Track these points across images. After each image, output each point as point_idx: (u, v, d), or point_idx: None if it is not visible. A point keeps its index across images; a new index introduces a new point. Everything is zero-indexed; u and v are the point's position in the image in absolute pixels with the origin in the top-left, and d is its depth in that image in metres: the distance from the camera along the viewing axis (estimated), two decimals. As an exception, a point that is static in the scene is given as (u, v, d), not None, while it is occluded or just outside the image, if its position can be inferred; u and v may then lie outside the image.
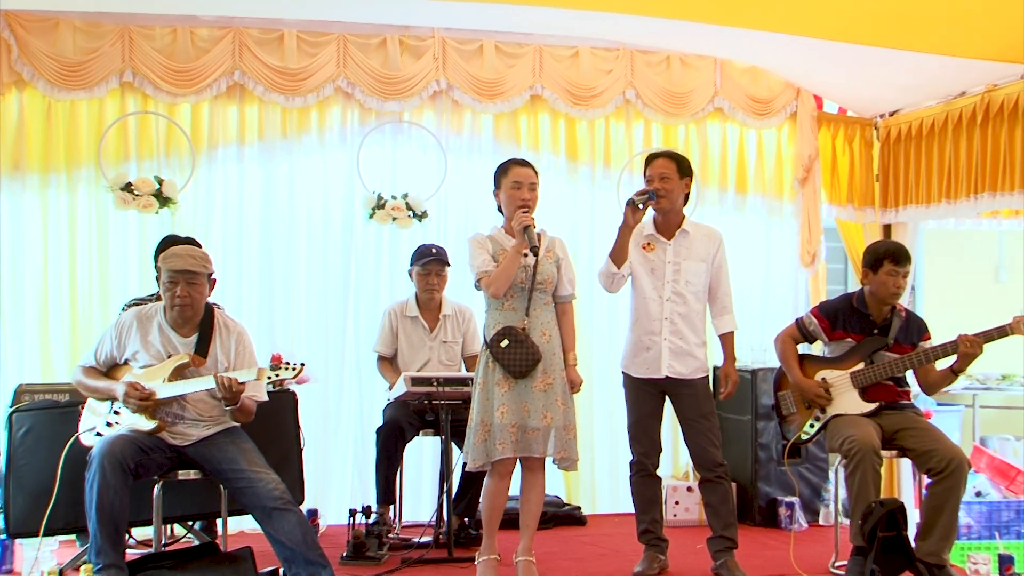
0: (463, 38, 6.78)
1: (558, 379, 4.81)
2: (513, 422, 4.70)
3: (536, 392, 4.74)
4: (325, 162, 6.73)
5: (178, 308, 4.59)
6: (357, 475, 6.59)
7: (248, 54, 6.44)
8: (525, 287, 4.80)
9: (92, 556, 4.27)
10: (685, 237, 5.13)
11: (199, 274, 4.61)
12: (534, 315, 4.81)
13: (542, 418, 4.73)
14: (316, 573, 4.33)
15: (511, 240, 4.82)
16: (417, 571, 5.18)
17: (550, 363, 4.80)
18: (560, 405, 4.78)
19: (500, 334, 4.74)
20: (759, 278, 7.38)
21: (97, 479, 4.26)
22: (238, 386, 4.49)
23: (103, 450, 4.32)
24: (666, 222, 5.15)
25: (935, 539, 4.83)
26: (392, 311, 6.16)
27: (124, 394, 4.49)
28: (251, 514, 4.58)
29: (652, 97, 7.04)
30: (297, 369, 4.50)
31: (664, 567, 5.18)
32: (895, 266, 5.13)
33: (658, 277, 5.11)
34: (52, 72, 6.14)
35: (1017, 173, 6.07)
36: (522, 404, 4.73)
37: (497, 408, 4.72)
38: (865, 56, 6.35)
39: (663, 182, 5.05)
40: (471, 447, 4.78)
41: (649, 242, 5.14)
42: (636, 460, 5.21)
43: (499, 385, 4.74)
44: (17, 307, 6.23)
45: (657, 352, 5.10)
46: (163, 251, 5.41)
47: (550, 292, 4.90)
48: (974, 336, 4.97)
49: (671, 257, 5.11)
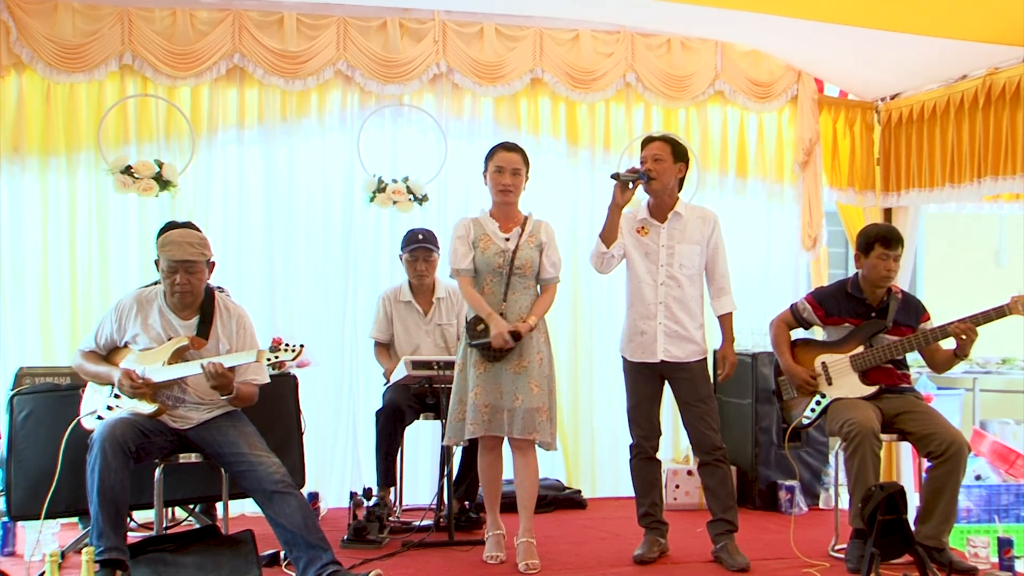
0: (463, 21, 6.76)
1: (534, 362, 4.92)
2: (486, 403, 4.88)
3: (510, 374, 4.89)
4: (325, 145, 6.72)
5: (178, 295, 4.59)
6: (357, 458, 6.60)
7: (248, 37, 6.42)
8: (503, 271, 4.92)
9: (94, 539, 4.26)
10: (678, 220, 5.12)
11: (197, 262, 4.60)
12: (512, 299, 4.95)
13: (513, 399, 4.87)
14: (317, 556, 4.33)
15: (495, 223, 5.01)
16: (418, 555, 5.19)
17: (526, 347, 4.92)
18: (533, 388, 4.88)
19: (477, 317, 4.92)
20: (760, 262, 7.37)
21: (98, 462, 4.26)
22: (224, 371, 4.46)
23: (104, 433, 4.33)
24: (659, 205, 5.14)
25: (935, 522, 4.85)
26: (386, 297, 6.17)
27: (118, 381, 4.50)
28: (252, 497, 4.59)
29: (653, 80, 7.02)
30: (296, 351, 4.49)
31: (664, 550, 5.19)
32: (885, 249, 5.13)
33: (652, 261, 5.11)
34: (51, 55, 6.13)
35: (1018, 157, 6.06)
36: (496, 385, 4.89)
37: (472, 389, 4.90)
38: (866, 39, 6.33)
39: (656, 163, 5.04)
40: (448, 424, 4.99)
41: (643, 226, 5.14)
42: (635, 443, 5.22)
43: (475, 367, 4.92)
44: (17, 290, 6.23)
45: (652, 336, 5.09)
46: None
47: (530, 277, 4.99)
48: (967, 323, 4.96)
49: (665, 240, 5.10)
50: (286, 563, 4.80)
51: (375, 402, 6.10)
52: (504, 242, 4.97)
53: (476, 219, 5.07)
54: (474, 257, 4.98)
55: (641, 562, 5.07)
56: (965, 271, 8.63)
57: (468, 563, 5.03)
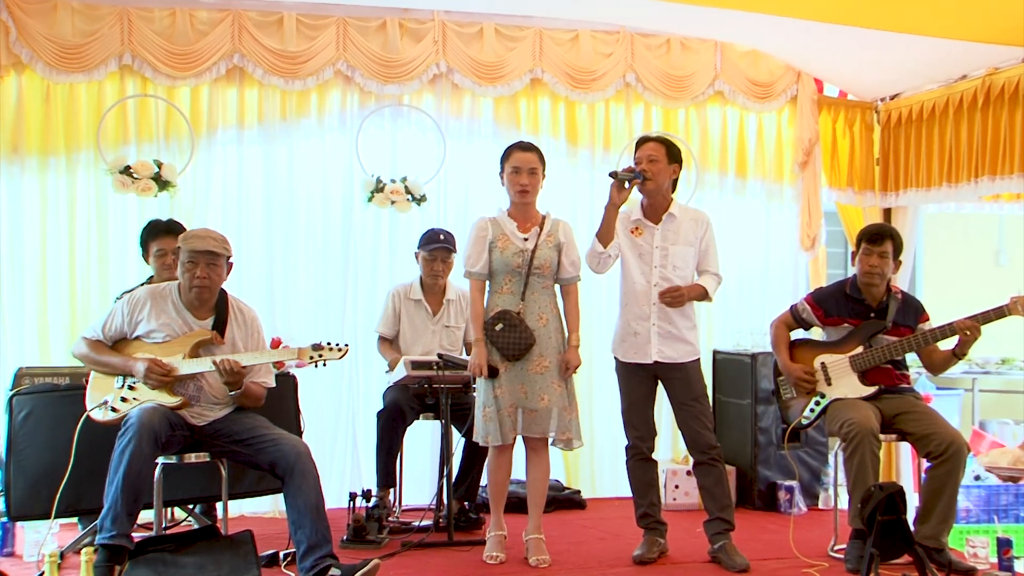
0: (463, 21, 6.76)
1: (554, 362, 4.96)
2: (511, 403, 4.91)
3: (532, 375, 4.93)
4: (324, 145, 6.71)
5: (196, 289, 4.58)
6: (357, 458, 6.59)
7: (247, 37, 6.42)
8: (522, 271, 4.94)
9: (107, 522, 4.22)
10: (672, 221, 5.12)
11: (220, 256, 4.61)
12: (530, 299, 4.96)
13: (539, 400, 4.91)
14: (319, 545, 4.30)
15: (513, 223, 5.00)
16: (417, 555, 5.19)
17: (546, 346, 4.94)
18: (556, 387, 4.92)
19: (495, 318, 4.94)
20: (759, 262, 7.37)
21: (132, 446, 4.23)
22: (240, 368, 4.50)
23: (143, 420, 4.30)
24: (653, 206, 5.14)
25: (934, 523, 4.85)
26: (396, 293, 6.16)
27: (146, 370, 4.47)
28: (273, 472, 4.50)
29: (652, 80, 7.02)
30: (343, 350, 4.58)
31: (664, 550, 5.20)
32: (870, 245, 5.16)
33: (646, 262, 5.11)
34: (51, 55, 6.12)
35: (1017, 157, 6.06)
36: (519, 386, 4.92)
37: (495, 390, 4.91)
38: (866, 39, 6.33)
39: (650, 164, 5.05)
40: (478, 423, 5.00)
41: (637, 226, 5.15)
42: (631, 444, 5.23)
43: (497, 367, 4.93)
44: (16, 290, 6.22)
45: (646, 337, 5.10)
46: (149, 235, 5.44)
47: (548, 276, 4.99)
48: (971, 320, 4.96)
49: (659, 242, 5.11)
50: (286, 563, 4.81)
51: (374, 402, 6.10)
52: (523, 242, 4.99)
53: (495, 219, 5.08)
54: (492, 257, 5.00)
55: (640, 562, 5.07)
56: (965, 271, 8.64)
57: (468, 563, 5.03)
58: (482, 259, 4.99)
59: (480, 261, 4.99)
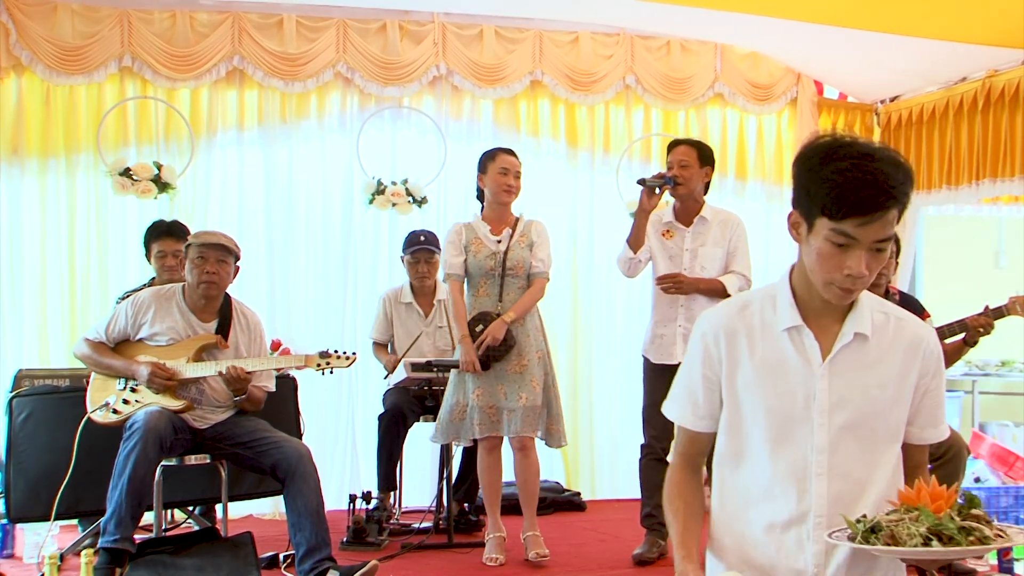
0: (463, 23, 6.77)
1: (533, 361, 4.99)
2: (490, 403, 4.95)
3: (511, 375, 4.96)
4: (325, 147, 6.72)
5: (204, 285, 4.57)
6: (356, 460, 6.59)
7: (247, 39, 6.43)
8: (495, 273, 5.00)
9: (111, 526, 4.20)
10: (703, 224, 5.12)
11: (230, 252, 4.62)
12: (508, 300, 5.02)
13: (517, 399, 4.93)
14: (318, 548, 4.30)
15: (487, 227, 5.07)
16: (417, 557, 5.19)
17: (525, 346, 5.00)
18: (535, 386, 4.95)
19: (475, 319, 5.00)
20: (759, 264, 7.28)
21: (137, 450, 4.22)
22: (245, 375, 4.50)
23: (148, 423, 4.29)
24: (685, 209, 5.15)
25: (934, 524, 4.83)
26: (386, 298, 6.16)
27: (150, 374, 4.46)
28: (274, 475, 4.49)
29: (652, 83, 7.02)
30: (351, 359, 4.61)
31: (664, 552, 5.18)
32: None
33: (676, 264, 5.11)
34: (51, 56, 6.13)
35: (1017, 159, 6.07)
36: (498, 386, 4.96)
37: (473, 390, 4.96)
38: (866, 41, 6.34)
39: (683, 169, 5.05)
40: (440, 423, 5.05)
41: (668, 229, 5.15)
42: (646, 443, 5.20)
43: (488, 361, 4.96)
44: (16, 292, 6.22)
45: (671, 339, 5.10)
46: (151, 236, 5.44)
47: (523, 276, 5.07)
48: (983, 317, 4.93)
49: (689, 244, 5.11)
50: (285, 565, 4.80)
51: (374, 404, 6.10)
52: (495, 244, 5.03)
53: (468, 224, 5.14)
54: (467, 261, 5.04)
55: (640, 562, 5.06)
56: (964, 273, 8.62)
57: (468, 565, 5.03)
58: (457, 261, 5.04)
59: (456, 263, 5.05)
